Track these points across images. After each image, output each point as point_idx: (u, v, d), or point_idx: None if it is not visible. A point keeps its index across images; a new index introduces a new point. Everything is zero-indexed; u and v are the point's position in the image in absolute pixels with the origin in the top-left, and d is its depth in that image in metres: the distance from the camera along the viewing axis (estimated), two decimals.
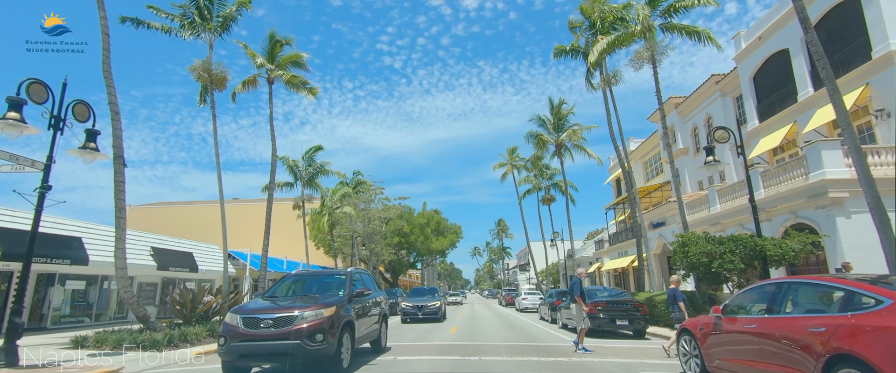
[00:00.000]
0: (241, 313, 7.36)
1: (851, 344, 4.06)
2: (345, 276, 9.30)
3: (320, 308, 7.38)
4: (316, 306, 7.42)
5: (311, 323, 7.09)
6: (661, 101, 18.20)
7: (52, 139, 9.54)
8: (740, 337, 5.66)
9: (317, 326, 7.09)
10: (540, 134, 34.25)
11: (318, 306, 7.46)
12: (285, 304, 7.74)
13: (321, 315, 7.25)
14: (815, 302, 5.01)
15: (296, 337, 6.94)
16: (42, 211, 9.31)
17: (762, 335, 5.20)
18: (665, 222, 25.08)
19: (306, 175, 32.75)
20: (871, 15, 15.20)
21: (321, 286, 9.28)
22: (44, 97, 9.20)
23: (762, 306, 5.63)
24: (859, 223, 13.12)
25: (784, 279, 5.56)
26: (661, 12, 17.74)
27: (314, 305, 7.48)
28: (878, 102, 15.12)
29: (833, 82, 8.73)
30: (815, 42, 8.96)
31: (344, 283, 9.05)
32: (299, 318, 7.12)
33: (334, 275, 9.91)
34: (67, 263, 16.93)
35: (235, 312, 7.47)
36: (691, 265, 13.15)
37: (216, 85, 19.40)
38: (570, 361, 9.31)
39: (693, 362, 6.92)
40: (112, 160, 13.32)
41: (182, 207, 51.28)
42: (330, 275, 10.28)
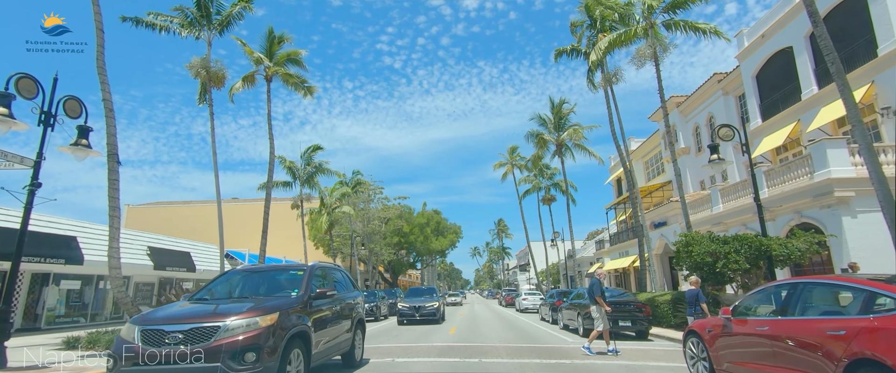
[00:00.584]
0: (142, 324, 5.41)
1: (874, 348, 3.84)
2: (303, 272, 7.30)
3: (255, 315, 5.46)
4: (250, 312, 5.48)
5: (242, 336, 5.19)
6: (663, 98, 18.00)
7: (42, 136, 9.32)
8: (752, 340, 5.43)
9: (248, 340, 5.19)
10: (540, 133, 34.05)
11: (253, 311, 5.52)
12: (208, 309, 5.75)
13: (256, 325, 5.35)
14: (832, 304, 4.79)
15: (214, 357, 5.03)
16: (31, 209, 9.09)
17: (776, 338, 4.97)
18: (667, 222, 24.87)
19: (304, 174, 32.51)
20: (877, 11, 14.99)
21: (271, 285, 7.40)
22: (34, 93, 8.96)
23: (775, 308, 5.41)
24: (866, 223, 12.92)
25: (799, 279, 5.33)
26: (664, 8, 17.54)
27: (247, 311, 5.51)
28: (884, 100, 14.90)
29: (843, 78, 8.51)
30: (824, 36, 8.74)
31: (300, 280, 7.02)
32: (223, 329, 5.20)
33: (290, 270, 7.91)
34: (62, 263, 16.72)
35: (136, 321, 5.53)
36: (695, 265, 12.94)
37: (214, 82, 19.26)
38: (573, 362, 9.09)
39: (701, 364, 6.69)
40: (106, 158, 13.07)
41: (181, 206, 51.01)
42: (285, 270, 8.23)
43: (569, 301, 16.39)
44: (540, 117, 34.34)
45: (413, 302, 19.93)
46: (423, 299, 20.34)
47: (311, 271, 7.28)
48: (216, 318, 5.38)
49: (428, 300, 20.17)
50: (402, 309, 19.76)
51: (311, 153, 32.78)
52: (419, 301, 20.03)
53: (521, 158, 43.14)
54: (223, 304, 6.03)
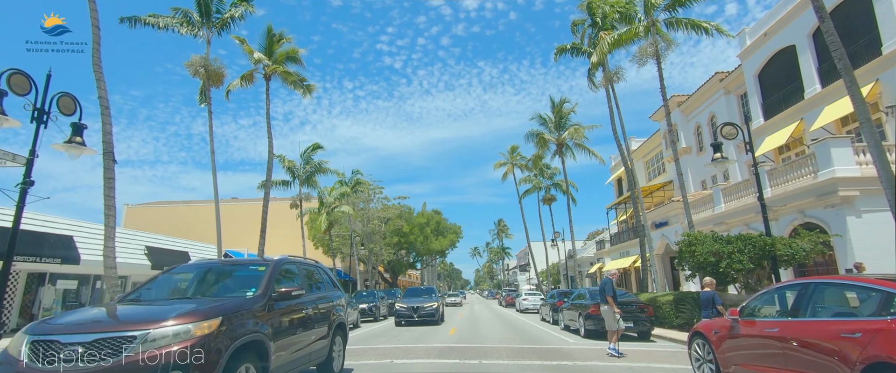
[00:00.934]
0: (34, 333, 4.15)
1: (892, 351, 3.67)
2: (265, 268, 6.03)
3: (187, 320, 4.18)
4: (181, 318, 4.19)
5: (164, 349, 3.92)
6: (665, 96, 17.86)
7: (35, 133, 9.13)
8: (761, 341, 5.27)
9: (174, 355, 3.91)
10: (541, 133, 33.88)
11: (186, 316, 4.24)
12: (127, 314, 4.61)
13: (186, 334, 4.07)
14: (846, 305, 4.63)
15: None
16: (24, 207, 8.91)
17: (787, 340, 4.81)
18: (668, 222, 24.72)
19: (304, 173, 32.34)
20: (882, 9, 14.83)
21: (225, 283, 6.11)
22: (26, 89, 8.77)
23: (785, 309, 5.25)
24: (871, 222, 12.77)
25: (810, 280, 5.16)
26: (666, 6, 17.42)
27: (178, 315, 4.22)
28: (889, 99, 14.74)
29: (851, 73, 8.35)
30: (830, 31, 8.58)
31: (260, 278, 5.74)
32: (140, 340, 3.94)
33: (250, 265, 6.57)
34: (58, 263, 16.55)
35: (29, 330, 4.29)
36: (698, 265, 12.79)
37: (213, 81, 19.21)
38: (575, 364, 8.93)
39: (707, 367, 6.53)
40: (102, 156, 12.93)
41: (180, 206, 50.83)
42: (244, 266, 6.86)
43: (570, 302, 16.24)
44: (540, 117, 34.18)
45: (411, 302, 19.34)
46: (422, 300, 19.77)
47: (276, 267, 6.07)
48: (134, 325, 4.09)
49: (426, 301, 19.58)
50: (400, 310, 19.15)
51: (311, 152, 32.61)
52: (417, 301, 19.44)
53: (522, 157, 42.99)
54: (155, 306, 4.87)
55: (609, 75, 21.00)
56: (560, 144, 33.48)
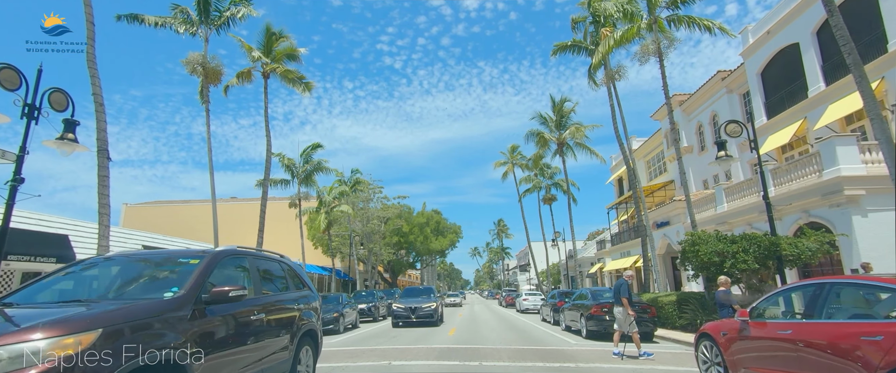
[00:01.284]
0: None
1: None
2: (198, 260, 4.63)
3: (43, 335, 2.87)
4: (31, 331, 2.88)
5: None
6: (667, 94, 17.69)
7: (25, 129, 8.95)
8: (773, 344, 5.07)
9: None
10: (541, 132, 33.70)
11: (43, 329, 2.91)
12: None
13: (36, 359, 2.76)
14: (865, 306, 4.43)
15: None
16: (14, 205, 8.73)
17: (801, 343, 4.60)
18: (669, 222, 24.53)
19: (303, 172, 32.13)
20: (888, 6, 14.63)
21: (142, 281, 4.67)
22: (16, 84, 8.57)
23: (799, 310, 5.05)
24: (877, 222, 12.58)
25: (825, 279, 4.96)
26: (668, 3, 17.24)
27: (29, 328, 2.91)
28: (894, 97, 14.55)
29: (860, 68, 8.16)
30: (840, 26, 8.39)
31: (189, 275, 4.35)
32: None
33: (180, 258, 5.04)
34: (53, 262, 16.33)
35: None
36: (702, 265, 12.58)
37: (211, 79, 19.03)
38: (577, 366, 8.73)
39: (714, 369, 6.33)
40: (96, 154, 12.73)
41: (179, 205, 50.67)
42: (171, 259, 5.19)
43: (571, 302, 16.04)
44: (541, 116, 33.99)
45: (409, 303, 18.77)
46: (420, 300, 19.24)
47: (212, 261, 4.64)
48: None
49: (425, 301, 19.06)
50: (397, 310, 18.59)
51: (311, 151, 32.39)
52: (415, 302, 18.90)
53: (522, 157, 42.80)
54: (22, 311, 3.64)
55: (611, 73, 20.80)
56: (561, 144, 33.28)
